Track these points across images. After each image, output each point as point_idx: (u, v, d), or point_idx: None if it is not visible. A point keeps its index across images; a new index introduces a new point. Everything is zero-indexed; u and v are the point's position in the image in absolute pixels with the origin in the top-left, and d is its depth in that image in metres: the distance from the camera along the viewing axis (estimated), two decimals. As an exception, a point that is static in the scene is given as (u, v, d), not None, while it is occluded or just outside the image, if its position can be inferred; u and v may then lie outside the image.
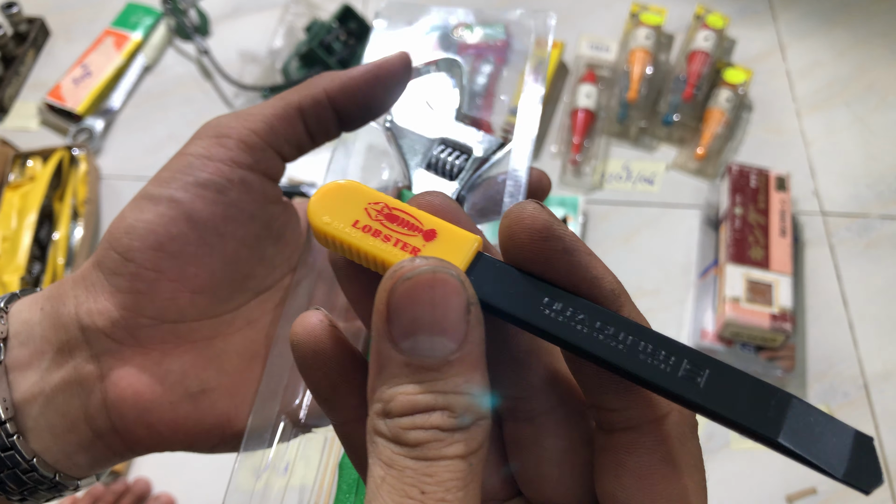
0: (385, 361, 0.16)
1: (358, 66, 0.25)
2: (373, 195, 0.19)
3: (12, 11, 0.89)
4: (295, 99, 0.24)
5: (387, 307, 0.16)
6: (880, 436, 0.66)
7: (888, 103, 0.89)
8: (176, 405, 0.22)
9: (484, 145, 0.28)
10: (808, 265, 0.76)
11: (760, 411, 0.16)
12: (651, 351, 0.17)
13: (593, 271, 0.18)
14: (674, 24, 0.93)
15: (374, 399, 0.16)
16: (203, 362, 0.23)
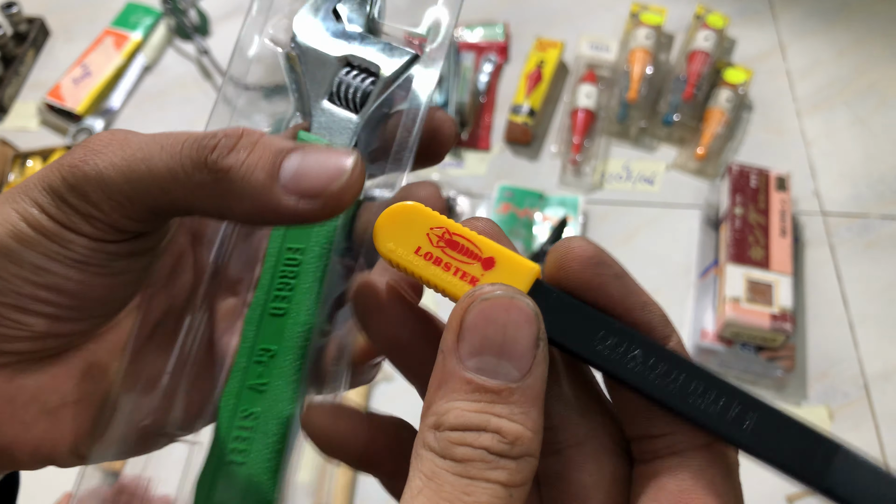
0: (447, 377, 0.16)
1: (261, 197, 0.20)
2: (435, 219, 0.20)
3: (12, 11, 0.89)
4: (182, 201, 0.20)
5: (460, 323, 0.16)
6: (880, 436, 0.66)
7: (888, 103, 0.89)
8: (30, 426, 0.21)
9: (391, 62, 0.23)
10: (808, 265, 0.76)
11: (807, 458, 0.17)
12: (702, 391, 0.18)
13: (644, 297, 0.19)
14: (674, 23, 0.93)
15: (428, 412, 0.16)
16: (65, 372, 0.21)
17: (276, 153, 0.19)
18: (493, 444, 0.16)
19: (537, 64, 0.87)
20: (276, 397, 0.22)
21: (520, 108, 0.83)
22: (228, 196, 0.19)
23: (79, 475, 0.22)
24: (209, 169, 0.19)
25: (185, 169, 0.19)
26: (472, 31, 0.94)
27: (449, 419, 0.16)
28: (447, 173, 0.82)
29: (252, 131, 0.20)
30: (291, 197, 0.19)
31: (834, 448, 0.17)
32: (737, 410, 0.18)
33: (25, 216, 0.20)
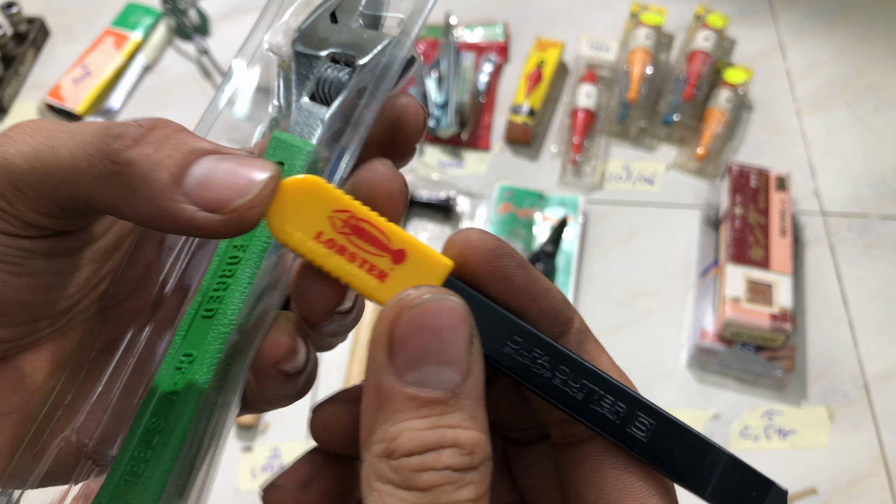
0: (386, 397, 0.15)
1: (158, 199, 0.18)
2: (338, 200, 0.17)
3: (12, 11, 0.89)
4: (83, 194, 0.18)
5: (389, 337, 0.15)
6: (880, 435, 0.66)
7: (888, 103, 0.89)
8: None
9: (365, 48, 0.22)
10: (808, 265, 0.76)
11: (695, 468, 0.18)
12: (604, 400, 0.18)
13: (545, 284, 0.18)
14: (674, 23, 0.93)
15: (372, 440, 0.15)
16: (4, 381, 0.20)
17: (187, 153, 0.17)
18: (456, 461, 0.15)
19: (537, 64, 0.87)
20: (182, 410, 0.20)
21: (520, 108, 0.83)
22: (125, 193, 0.17)
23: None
24: (109, 160, 0.17)
25: (87, 158, 0.17)
26: (472, 31, 0.94)
27: (403, 444, 0.15)
28: (447, 173, 0.82)
29: (170, 123, 0.18)
30: (191, 206, 0.17)
31: (721, 456, 0.18)
32: (636, 419, 0.18)
33: None
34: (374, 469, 0.15)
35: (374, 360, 0.15)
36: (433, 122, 0.83)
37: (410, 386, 0.15)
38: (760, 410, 0.67)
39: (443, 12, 0.94)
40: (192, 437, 0.19)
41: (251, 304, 0.20)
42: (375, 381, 0.15)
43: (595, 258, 0.76)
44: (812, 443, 0.66)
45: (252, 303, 0.20)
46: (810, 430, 0.66)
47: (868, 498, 0.63)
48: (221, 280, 0.20)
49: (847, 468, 0.64)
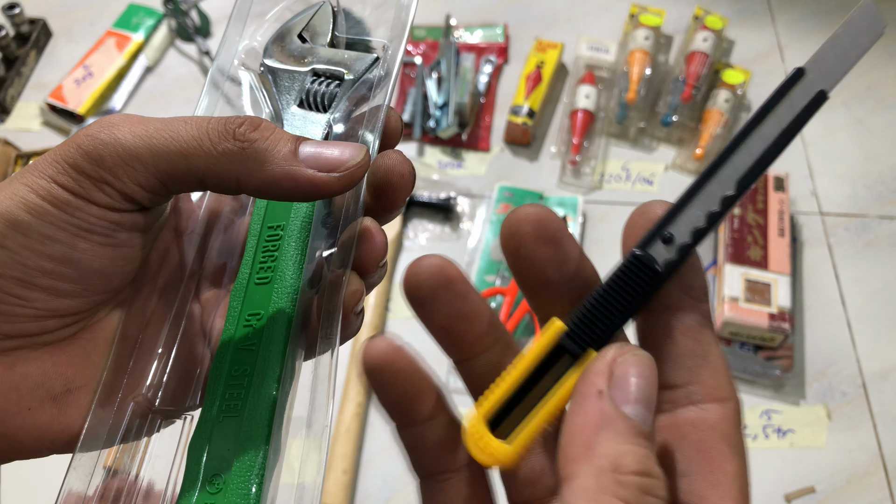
0: (610, 420, 0.17)
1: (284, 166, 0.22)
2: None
3: (14, 12, 0.90)
4: (199, 168, 0.22)
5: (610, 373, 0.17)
6: (878, 434, 0.66)
7: (886, 104, 0.89)
8: (35, 411, 0.21)
9: (355, 67, 0.26)
10: (806, 265, 0.76)
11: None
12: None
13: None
14: (673, 25, 0.93)
15: (595, 454, 0.16)
16: (67, 359, 0.22)
17: (294, 138, 0.22)
18: (663, 491, 0.16)
19: (537, 65, 0.87)
20: (267, 356, 0.23)
21: (519, 108, 0.83)
22: (249, 164, 0.21)
23: (69, 466, 0.22)
24: (236, 139, 0.21)
25: (210, 138, 0.21)
26: (471, 33, 0.94)
27: (630, 463, 0.16)
28: (447, 173, 0.83)
29: (269, 122, 0.22)
30: (310, 170, 0.22)
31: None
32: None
33: (35, 188, 0.21)
34: (599, 481, 0.16)
35: (591, 387, 0.17)
36: (433, 123, 0.84)
37: (631, 417, 0.17)
38: (759, 410, 0.67)
39: (443, 14, 0.94)
40: (278, 379, 0.23)
41: (310, 271, 0.24)
42: (597, 406, 0.17)
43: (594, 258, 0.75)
44: (810, 442, 0.66)
45: (311, 271, 0.24)
46: (808, 429, 0.67)
47: (866, 497, 0.63)
48: (266, 254, 0.24)
49: (845, 467, 0.64)
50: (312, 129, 0.26)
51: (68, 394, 0.22)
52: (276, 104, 0.27)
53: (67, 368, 0.22)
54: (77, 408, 0.22)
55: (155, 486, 0.23)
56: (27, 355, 0.21)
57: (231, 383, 0.23)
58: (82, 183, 0.21)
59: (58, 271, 0.21)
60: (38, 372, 0.21)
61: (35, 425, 0.21)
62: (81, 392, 0.22)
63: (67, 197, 0.21)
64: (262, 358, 0.23)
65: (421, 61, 0.90)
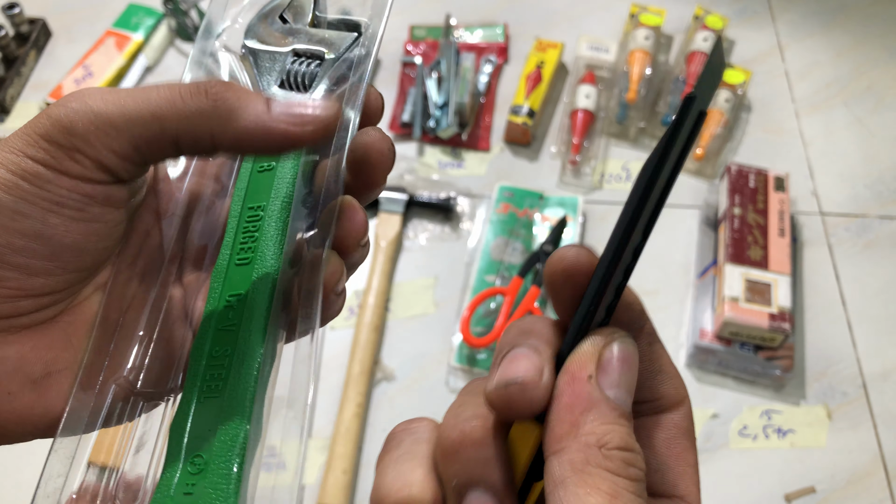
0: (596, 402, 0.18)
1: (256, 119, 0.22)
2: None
3: (14, 12, 0.90)
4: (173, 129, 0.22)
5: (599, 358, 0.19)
6: (878, 435, 0.66)
7: (886, 104, 0.89)
8: (15, 395, 0.21)
9: (337, 44, 0.26)
10: (806, 265, 0.76)
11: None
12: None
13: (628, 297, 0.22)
14: (673, 24, 0.93)
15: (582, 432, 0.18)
16: (46, 343, 0.22)
17: (265, 97, 0.22)
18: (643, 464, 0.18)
19: (537, 65, 0.87)
20: (248, 335, 0.23)
21: (519, 108, 0.83)
22: (224, 121, 0.21)
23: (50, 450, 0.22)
24: (209, 97, 0.21)
25: (182, 98, 0.21)
26: (472, 33, 0.94)
27: (615, 440, 0.18)
28: (447, 173, 0.83)
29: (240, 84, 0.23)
30: (283, 122, 0.22)
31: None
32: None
33: (5, 163, 0.20)
34: (587, 455, 0.17)
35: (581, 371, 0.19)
36: (433, 123, 0.84)
37: (614, 400, 0.18)
38: (759, 410, 0.67)
39: (443, 14, 0.94)
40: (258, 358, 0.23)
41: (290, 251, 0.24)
42: (585, 389, 0.18)
43: (594, 258, 0.76)
44: (810, 442, 0.66)
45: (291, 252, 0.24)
46: (809, 429, 0.67)
47: (866, 497, 0.63)
48: (247, 234, 0.24)
49: (845, 467, 0.64)
50: None
51: (48, 377, 0.22)
52: (257, 85, 0.27)
53: (47, 352, 0.22)
54: (58, 392, 0.22)
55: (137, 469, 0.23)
56: (5, 339, 0.21)
57: (212, 364, 0.23)
58: (54, 153, 0.21)
59: (29, 248, 0.21)
60: (17, 356, 0.21)
61: (15, 409, 0.21)
62: (62, 375, 0.22)
63: (39, 169, 0.20)
64: (243, 338, 0.23)
65: (421, 61, 0.90)
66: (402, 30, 0.94)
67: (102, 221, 0.22)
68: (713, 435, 0.66)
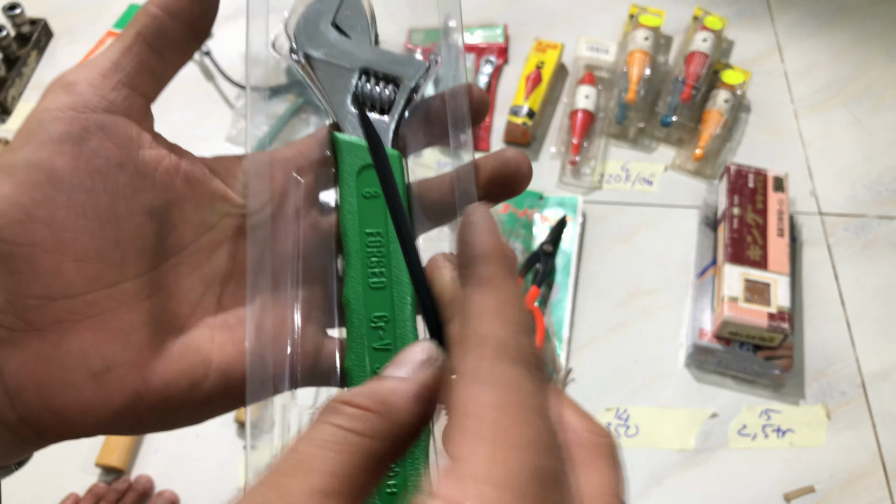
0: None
1: None
2: None
3: (15, 13, 0.90)
4: (132, 27, 0.23)
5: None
6: (877, 434, 0.67)
7: (885, 104, 0.89)
8: (79, 387, 0.21)
9: (411, 71, 0.26)
10: (805, 265, 0.76)
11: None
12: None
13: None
14: (672, 25, 0.94)
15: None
16: (106, 338, 0.22)
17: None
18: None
19: (537, 65, 0.88)
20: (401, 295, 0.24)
21: (519, 109, 0.83)
22: None
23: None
24: None
25: None
26: (471, 33, 0.94)
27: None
28: (447, 174, 0.83)
29: None
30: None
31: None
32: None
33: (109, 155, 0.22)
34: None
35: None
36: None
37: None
38: (758, 409, 0.68)
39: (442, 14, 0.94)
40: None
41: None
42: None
43: (594, 258, 0.76)
44: (809, 441, 0.66)
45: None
46: (808, 428, 0.67)
47: (865, 496, 0.63)
48: (375, 258, 0.25)
49: (844, 467, 0.65)
50: (379, 132, 0.25)
51: (107, 372, 0.22)
52: (327, 99, 0.25)
53: (106, 347, 0.22)
54: (115, 386, 0.22)
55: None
56: (69, 330, 0.21)
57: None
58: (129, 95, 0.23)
59: (102, 235, 0.22)
60: (80, 349, 0.21)
61: (79, 401, 0.21)
62: (120, 370, 0.22)
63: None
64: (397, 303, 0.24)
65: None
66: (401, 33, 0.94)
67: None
68: (712, 434, 0.66)
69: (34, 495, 0.62)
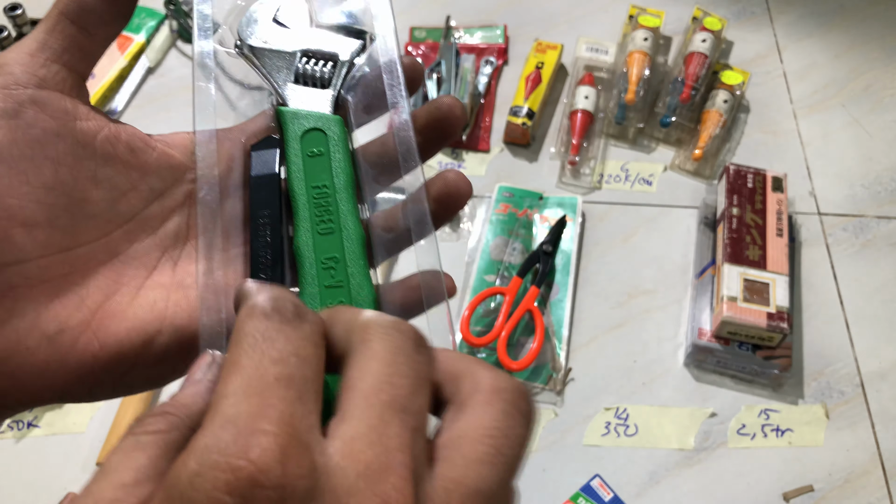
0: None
1: None
2: None
3: (17, 13, 0.90)
4: (55, 7, 0.24)
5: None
6: (876, 434, 0.67)
7: (884, 105, 0.90)
8: (34, 350, 0.22)
9: (347, 48, 0.29)
10: (804, 265, 0.77)
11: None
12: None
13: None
14: (672, 26, 0.94)
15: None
16: (60, 301, 0.23)
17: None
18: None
19: (536, 66, 0.88)
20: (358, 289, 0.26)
21: (519, 109, 0.84)
22: None
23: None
24: None
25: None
26: (471, 34, 0.95)
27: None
28: (447, 174, 0.83)
29: None
30: None
31: None
32: None
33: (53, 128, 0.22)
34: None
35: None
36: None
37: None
38: (757, 409, 0.68)
39: (443, 15, 0.95)
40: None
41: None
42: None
43: (593, 258, 0.77)
44: (808, 441, 0.66)
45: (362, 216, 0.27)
46: (807, 428, 0.67)
47: (864, 495, 0.64)
48: (322, 209, 0.26)
49: (843, 466, 0.65)
50: (320, 104, 0.28)
51: (62, 334, 0.22)
52: (273, 81, 0.28)
53: (60, 310, 0.22)
54: (68, 348, 0.22)
55: None
56: (24, 295, 0.22)
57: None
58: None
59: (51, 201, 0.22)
60: (33, 312, 0.22)
61: (34, 363, 0.22)
62: (74, 332, 0.23)
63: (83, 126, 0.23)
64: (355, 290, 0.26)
65: (421, 62, 0.90)
66: (403, 31, 0.94)
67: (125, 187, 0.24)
68: (711, 434, 0.66)
69: (34, 495, 0.62)
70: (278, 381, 0.16)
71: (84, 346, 0.23)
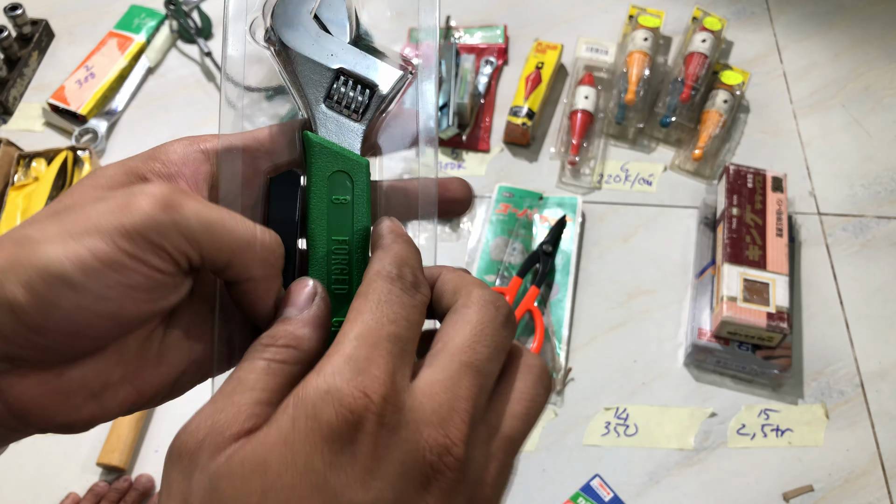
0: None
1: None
2: None
3: (17, 13, 0.90)
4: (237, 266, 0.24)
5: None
6: (876, 434, 0.67)
7: (883, 105, 0.90)
8: (80, 407, 0.23)
9: (387, 79, 0.26)
10: (804, 265, 0.77)
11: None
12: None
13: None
14: (671, 26, 0.94)
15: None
16: (103, 365, 0.24)
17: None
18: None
19: (536, 66, 0.88)
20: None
21: (519, 109, 0.84)
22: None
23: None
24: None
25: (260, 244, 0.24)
26: (471, 34, 0.95)
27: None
28: (447, 174, 0.83)
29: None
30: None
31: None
32: None
33: (95, 251, 0.21)
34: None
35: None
36: (433, 124, 0.84)
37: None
38: (757, 409, 0.68)
39: (443, 15, 0.95)
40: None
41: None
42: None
43: (593, 258, 0.77)
44: (808, 441, 0.66)
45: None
46: (806, 428, 0.67)
47: (864, 495, 0.64)
48: (340, 266, 0.26)
49: (843, 466, 0.65)
50: (349, 138, 0.26)
51: (105, 390, 0.24)
52: (302, 93, 0.26)
53: (104, 371, 0.24)
54: (111, 400, 0.24)
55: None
56: (71, 363, 0.23)
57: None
58: (142, 247, 0.22)
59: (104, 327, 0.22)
60: (80, 376, 0.23)
61: (81, 417, 0.23)
62: (116, 386, 0.24)
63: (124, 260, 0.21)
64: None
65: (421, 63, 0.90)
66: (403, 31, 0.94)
67: (166, 299, 0.24)
68: (711, 434, 0.66)
69: (34, 495, 0.62)
70: (389, 337, 0.21)
71: (124, 397, 0.24)
